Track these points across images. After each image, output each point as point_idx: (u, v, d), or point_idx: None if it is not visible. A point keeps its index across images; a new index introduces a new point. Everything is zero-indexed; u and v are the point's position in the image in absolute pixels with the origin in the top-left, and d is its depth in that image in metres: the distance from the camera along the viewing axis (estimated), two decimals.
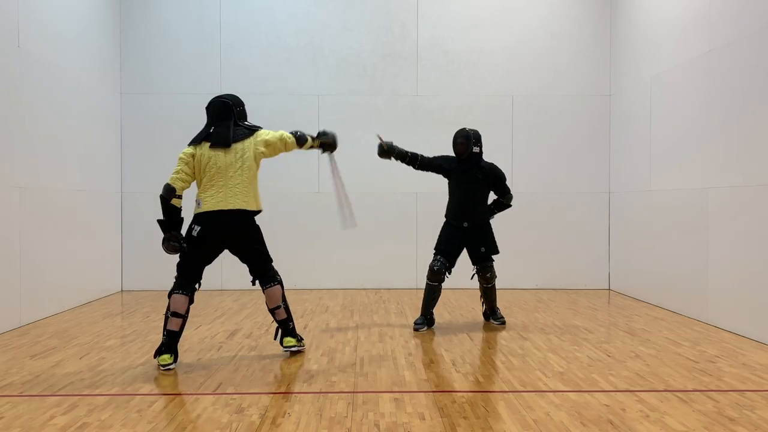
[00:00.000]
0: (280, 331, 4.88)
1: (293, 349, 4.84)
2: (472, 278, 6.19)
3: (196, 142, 4.71)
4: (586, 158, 8.64)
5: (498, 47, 8.63)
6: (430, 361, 4.71)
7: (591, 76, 8.66)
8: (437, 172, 6.09)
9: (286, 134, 4.86)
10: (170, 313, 4.53)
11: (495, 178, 6.05)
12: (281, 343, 4.87)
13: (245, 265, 4.81)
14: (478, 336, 5.61)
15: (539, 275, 8.59)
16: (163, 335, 4.54)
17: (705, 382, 4.18)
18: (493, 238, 6.05)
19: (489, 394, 3.92)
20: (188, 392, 3.96)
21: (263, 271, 4.79)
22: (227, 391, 3.97)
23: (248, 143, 4.71)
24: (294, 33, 8.57)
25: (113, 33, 8.28)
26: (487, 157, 8.62)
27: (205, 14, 8.51)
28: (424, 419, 3.45)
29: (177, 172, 4.61)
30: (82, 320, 6.33)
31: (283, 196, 8.49)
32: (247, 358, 4.82)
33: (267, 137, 4.78)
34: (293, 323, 4.91)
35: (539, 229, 8.63)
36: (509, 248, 8.59)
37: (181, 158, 4.66)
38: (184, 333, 5.68)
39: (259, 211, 4.74)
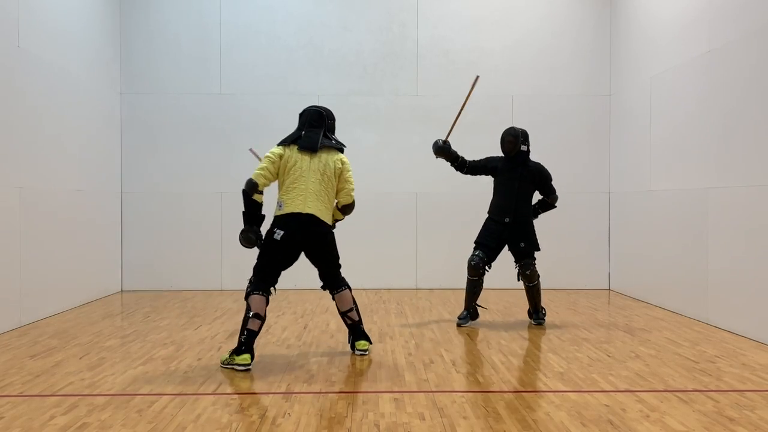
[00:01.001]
0: (351, 335, 4.96)
1: (366, 353, 4.90)
2: (519, 279, 6.17)
3: (285, 143, 4.80)
4: (586, 158, 8.64)
5: (498, 47, 8.64)
6: (430, 361, 4.71)
7: (591, 75, 8.66)
8: (485, 173, 6.22)
9: (352, 193, 4.93)
10: (252, 315, 4.52)
11: (541, 178, 6.13)
12: (353, 347, 4.94)
13: (317, 269, 4.92)
14: (478, 336, 5.61)
15: (539, 275, 8.57)
16: (243, 335, 4.49)
17: (705, 382, 4.18)
18: (535, 236, 6.09)
19: (489, 394, 3.92)
20: (188, 392, 3.96)
21: (333, 277, 4.93)
22: (227, 391, 3.97)
23: (333, 158, 4.81)
24: (294, 33, 8.58)
25: (113, 33, 8.28)
26: (487, 156, 8.66)
27: (205, 14, 8.51)
28: (424, 419, 3.45)
29: (261, 169, 4.69)
30: (82, 320, 6.33)
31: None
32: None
33: (347, 173, 4.87)
34: (362, 325, 5.01)
35: (539, 229, 8.57)
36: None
37: (268, 156, 4.74)
38: (183, 333, 5.70)
39: (329, 223, 4.82)
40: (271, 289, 4.68)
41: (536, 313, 6.16)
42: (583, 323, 6.20)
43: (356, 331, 4.94)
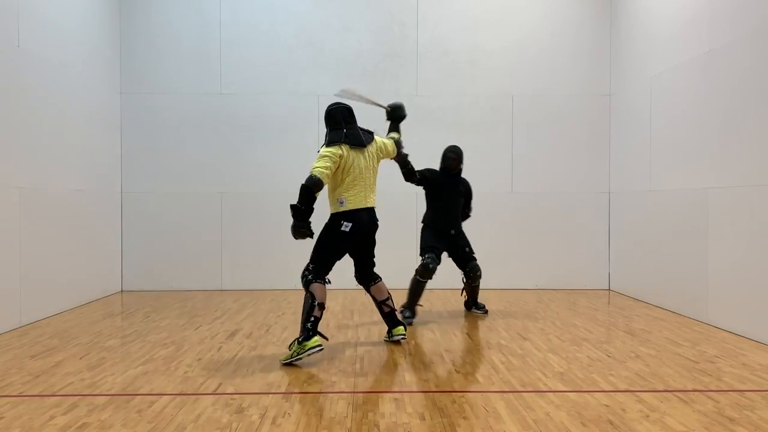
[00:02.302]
0: (389, 323, 5.25)
1: (404, 338, 5.24)
2: (463, 281, 6.66)
3: (337, 143, 4.90)
4: (586, 158, 8.64)
5: (498, 47, 8.64)
6: (430, 361, 4.71)
7: (591, 75, 8.66)
8: (426, 185, 6.52)
9: (389, 142, 5.44)
10: (318, 303, 4.73)
11: (469, 192, 6.72)
12: (390, 333, 5.27)
13: (354, 260, 5.22)
14: (478, 336, 5.61)
15: (539, 275, 8.60)
16: (309, 322, 4.66)
17: (705, 382, 4.18)
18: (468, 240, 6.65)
19: (489, 394, 3.92)
20: (188, 392, 3.96)
21: (370, 270, 5.28)
22: (227, 392, 3.97)
23: (372, 147, 5.11)
24: (294, 33, 8.58)
25: (113, 33, 8.28)
26: (488, 156, 8.69)
27: (205, 14, 8.51)
28: (424, 419, 3.45)
29: (327, 168, 4.78)
30: (82, 320, 6.33)
31: (282, 195, 8.48)
32: (247, 358, 4.82)
33: (384, 141, 5.34)
34: (396, 311, 5.32)
35: (539, 229, 8.63)
36: (509, 248, 8.62)
37: (329, 156, 4.82)
38: (183, 333, 5.70)
39: None
40: (327, 278, 4.92)
41: (476, 303, 6.77)
42: (583, 323, 6.20)
43: (394, 319, 5.26)
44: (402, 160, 6.11)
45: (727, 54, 5.89)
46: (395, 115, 5.75)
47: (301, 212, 4.74)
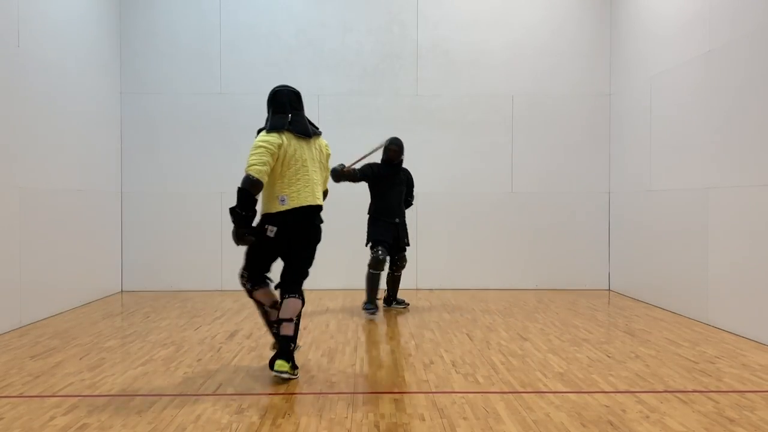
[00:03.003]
0: (276, 350, 4.28)
1: (284, 375, 4.13)
2: (392, 271, 6.93)
3: (278, 129, 4.26)
4: (586, 158, 8.64)
5: (498, 47, 8.64)
6: (430, 362, 4.71)
7: (591, 75, 8.66)
8: (370, 179, 6.67)
9: (327, 180, 4.76)
10: (267, 307, 4.44)
11: (411, 181, 6.97)
12: (271, 365, 4.20)
13: (284, 263, 4.42)
14: (478, 336, 5.61)
15: (539, 275, 8.60)
16: (273, 329, 4.39)
17: (705, 382, 4.18)
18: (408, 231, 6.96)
19: (489, 394, 3.92)
20: (188, 393, 3.96)
21: (295, 280, 4.36)
22: (227, 392, 3.97)
23: (321, 143, 4.54)
24: (294, 33, 8.58)
25: (113, 33, 8.28)
26: (487, 156, 8.69)
27: (204, 14, 8.51)
28: (424, 420, 3.45)
29: (263, 164, 4.13)
30: (82, 320, 6.33)
31: None
32: (247, 358, 4.82)
33: (329, 159, 4.69)
34: (295, 347, 4.27)
35: (539, 229, 8.63)
36: (509, 248, 8.62)
37: (264, 147, 4.18)
38: (183, 334, 5.70)
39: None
40: (267, 279, 4.49)
41: (396, 299, 7.02)
42: (583, 323, 6.20)
43: (283, 348, 4.20)
44: (349, 178, 6.49)
45: (727, 54, 5.89)
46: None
47: (244, 218, 4.16)
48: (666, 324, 6.16)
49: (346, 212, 8.35)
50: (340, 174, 6.40)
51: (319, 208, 4.40)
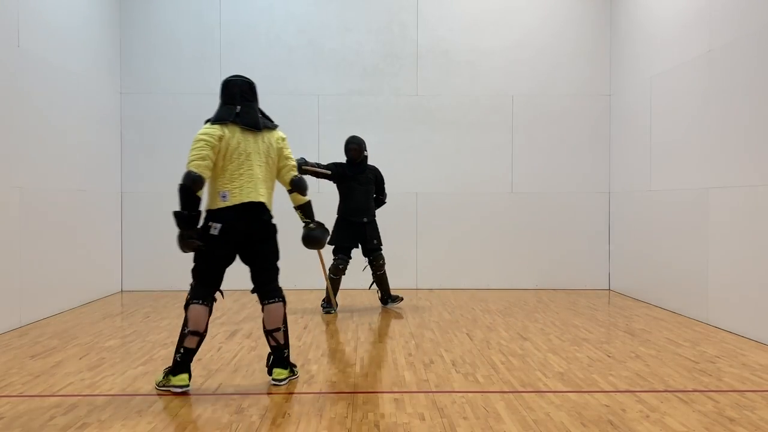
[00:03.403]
0: (271, 359, 4.17)
1: (283, 383, 4.08)
2: (363, 270, 7.08)
3: (222, 121, 4.08)
4: (586, 158, 8.64)
5: (498, 47, 8.64)
6: (430, 361, 4.71)
7: (591, 75, 8.66)
8: (333, 179, 6.73)
9: (294, 169, 4.37)
10: (189, 332, 3.95)
11: (380, 179, 6.94)
12: (269, 372, 4.14)
13: (249, 268, 4.22)
14: (478, 336, 5.61)
15: (539, 275, 8.60)
16: (178, 353, 3.95)
17: (705, 382, 4.18)
18: (379, 231, 6.95)
19: (489, 394, 3.92)
20: (188, 393, 3.95)
21: (269, 279, 4.18)
22: (227, 392, 3.97)
23: (273, 137, 4.23)
24: (294, 33, 8.58)
25: (113, 33, 8.28)
26: (487, 156, 8.68)
27: (204, 14, 8.51)
28: (424, 419, 3.45)
29: (203, 158, 3.94)
30: (82, 320, 6.33)
31: (282, 195, 8.48)
32: (247, 358, 4.82)
33: (288, 150, 4.31)
34: (288, 351, 4.18)
35: (539, 229, 8.63)
36: (509, 248, 8.62)
37: (204, 140, 4.00)
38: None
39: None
40: (216, 294, 4.12)
41: (390, 296, 7.04)
42: (583, 323, 6.20)
43: (277, 356, 4.13)
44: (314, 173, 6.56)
45: (727, 54, 5.89)
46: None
47: (186, 218, 3.90)
48: (666, 324, 6.16)
49: None
50: (300, 167, 6.35)
51: (263, 205, 4.10)
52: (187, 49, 8.48)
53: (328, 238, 4.47)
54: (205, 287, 4.06)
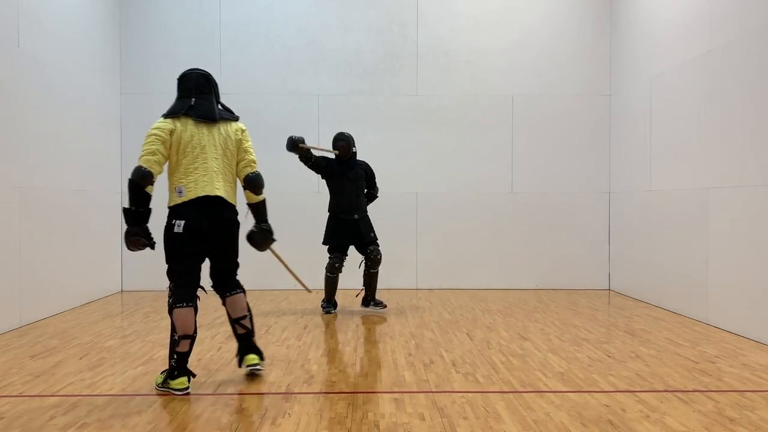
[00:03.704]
0: (241, 347, 4.26)
1: (257, 368, 4.21)
2: (360, 266, 6.81)
3: (174, 114, 4.01)
4: (586, 158, 8.64)
5: (498, 47, 8.64)
6: (430, 361, 4.71)
7: (591, 76, 8.66)
8: (321, 172, 6.71)
9: (254, 162, 4.24)
10: (179, 337, 3.92)
11: (370, 174, 6.85)
12: (241, 362, 4.25)
13: (210, 262, 4.25)
14: (478, 336, 5.61)
15: (539, 275, 8.60)
16: (172, 359, 3.91)
17: (705, 382, 4.18)
18: (372, 226, 6.79)
19: (489, 394, 3.92)
20: (188, 393, 3.95)
21: (230, 274, 4.26)
22: (227, 392, 3.97)
23: (232, 129, 4.14)
24: (294, 33, 8.58)
25: (113, 33, 8.28)
26: (487, 156, 8.69)
27: (204, 14, 8.51)
28: (424, 419, 3.45)
29: (152, 153, 3.89)
30: (82, 320, 6.33)
31: (282, 195, 8.49)
32: None
33: (247, 143, 4.20)
34: (254, 336, 4.30)
35: (539, 229, 8.63)
36: (509, 248, 8.62)
37: (155, 135, 3.92)
38: None
39: (235, 206, 4.19)
40: (198, 293, 4.12)
41: (374, 299, 6.86)
42: (583, 323, 6.20)
43: (247, 344, 4.24)
44: (302, 152, 6.49)
45: (727, 54, 5.89)
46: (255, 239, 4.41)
47: (134, 215, 3.90)
48: (666, 323, 6.16)
49: None
50: (294, 144, 6.38)
51: (221, 200, 4.02)
52: (186, 50, 8.48)
53: (271, 244, 4.43)
54: (184, 288, 4.04)
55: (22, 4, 6.11)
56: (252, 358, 4.22)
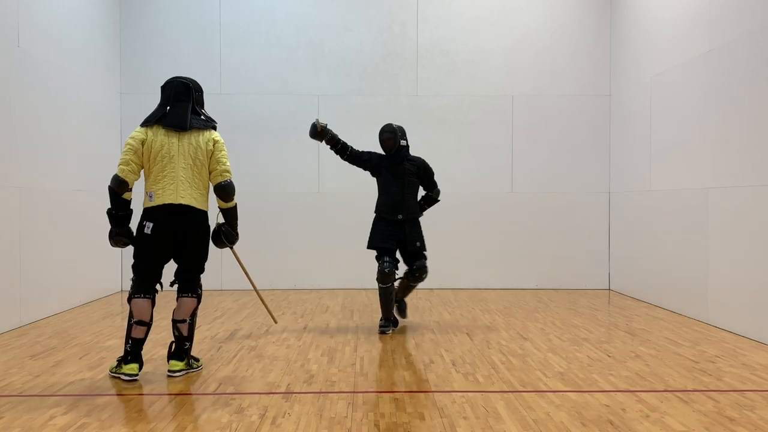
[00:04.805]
0: (171, 350, 4.36)
1: (178, 374, 4.26)
2: (405, 277, 5.92)
3: (148, 123, 4.22)
4: (586, 158, 8.64)
5: (498, 47, 8.64)
6: (430, 361, 4.71)
7: (591, 76, 8.66)
8: (364, 167, 5.99)
9: (227, 172, 4.33)
10: (135, 322, 4.21)
11: (425, 172, 5.98)
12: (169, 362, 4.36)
13: (176, 263, 4.43)
14: (478, 336, 5.61)
15: (539, 275, 8.59)
16: (128, 344, 4.19)
17: (705, 382, 4.18)
18: (423, 234, 5.93)
19: (489, 394, 3.92)
20: (188, 392, 3.96)
21: (192, 277, 4.43)
22: (227, 391, 3.97)
23: (203, 138, 4.25)
24: (294, 33, 8.58)
25: (113, 33, 8.28)
26: (487, 156, 8.69)
27: (204, 14, 8.51)
28: (424, 419, 3.45)
29: (126, 163, 4.13)
30: (82, 320, 6.33)
31: (282, 195, 8.50)
32: (247, 358, 4.82)
33: (220, 153, 4.30)
34: (191, 345, 4.39)
35: (539, 229, 8.63)
36: (509, 248, 8.62)
37: (129, 145, 4.15)
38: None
39: (206, 212, 4.34)
40: (157, 287, 4.34)
41: (399, 302, 6.03)
42: (583, 323, 6.20)
43: (177, 347, 4.34)
44: (324, 135, 5.82)
45: (727, 54, 5.89)
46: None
47: (115, 217, 4.22)
48: (666, 323, 6.16)
49: (346, 211, 8.37)
50: (317, 130, 5.78)
51: (187, 208, 4.18)
52: (187, 49, 8.48)
53: (226, 247, 4.60)
54: (143, 282, 4.30)
55: (22, 4, 6.11)
56: (174, 364, 4.31)
